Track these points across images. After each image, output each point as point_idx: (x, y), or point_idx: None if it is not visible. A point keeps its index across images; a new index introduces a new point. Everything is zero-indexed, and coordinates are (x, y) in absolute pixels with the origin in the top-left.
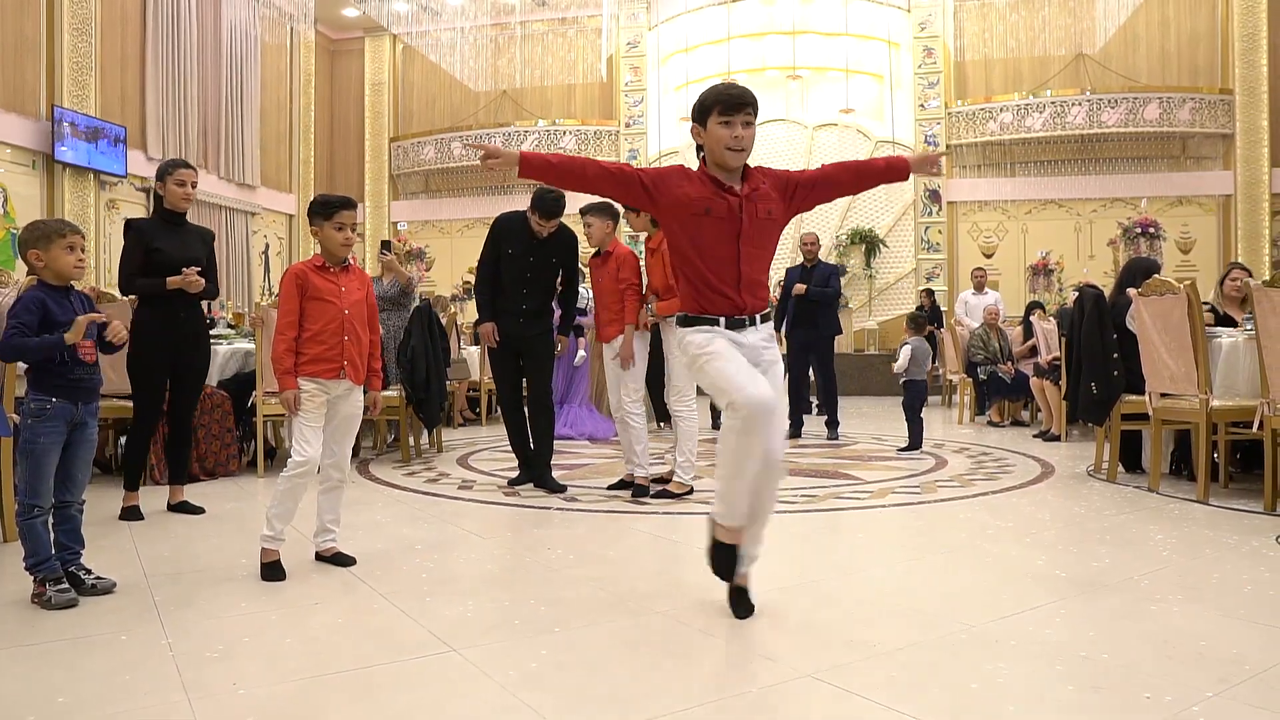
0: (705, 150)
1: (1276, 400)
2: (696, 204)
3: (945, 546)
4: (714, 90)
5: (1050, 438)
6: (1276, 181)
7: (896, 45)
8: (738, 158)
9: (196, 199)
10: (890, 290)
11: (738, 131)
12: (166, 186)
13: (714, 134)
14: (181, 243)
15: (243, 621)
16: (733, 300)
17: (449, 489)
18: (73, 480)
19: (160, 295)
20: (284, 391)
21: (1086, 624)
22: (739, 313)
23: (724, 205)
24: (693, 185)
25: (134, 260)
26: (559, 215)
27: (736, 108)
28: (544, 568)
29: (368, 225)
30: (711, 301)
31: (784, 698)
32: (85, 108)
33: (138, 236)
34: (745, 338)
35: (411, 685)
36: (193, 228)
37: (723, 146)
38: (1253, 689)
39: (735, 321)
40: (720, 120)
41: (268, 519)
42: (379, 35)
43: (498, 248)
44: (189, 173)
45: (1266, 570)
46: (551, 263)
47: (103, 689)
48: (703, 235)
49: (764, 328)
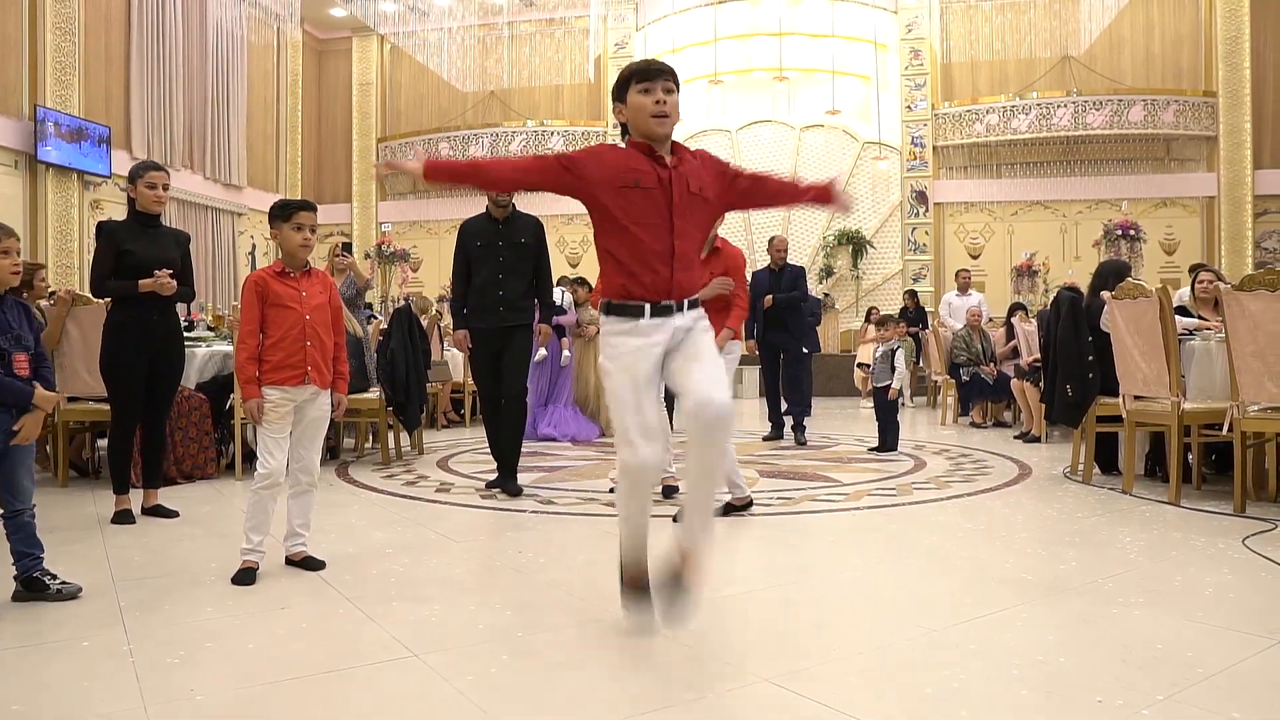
0: (630, 126)
1: (1246, 402)
2: (625, 175)
3: (915, 549)
4: (630, 65)
5: (1031, 439)
6: (1259, 183)
7: (883, 47)
8: (663, 124)
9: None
10: (877, 291)
11: (659, 96)
12: (138, 189)
13: (635, 103)
14: (155, 245)
15: (207, 626)
16: (663, 276)
17: (426, 492)
18: (19, 487)
19: (133, 298)
20: (247, 401)
21: (1047, 627)
22: (667, 295)
23: (653, 176)
24: (618, 157)
25: (106, 263)
26: None
27: (653, 75)
28: (513, 571)
29: (355, 226)
30: (639, 282)
31: (739, 703)
32: (69, 107)
33: (109, 239)
34: (670, 322)
35: (368, 690)
36: (167, 230)
37: (646, 115)
38: (1204, 692)
39: (661, 308)
40: (640, 88)
41: (244, 532)
42: (366, 35)
43: (466, 249)
44: (160, 175)
45: (1230, 573)
46: (521, 244)
47: (59, 696)
48: (632, 208)
49: (691, 313)
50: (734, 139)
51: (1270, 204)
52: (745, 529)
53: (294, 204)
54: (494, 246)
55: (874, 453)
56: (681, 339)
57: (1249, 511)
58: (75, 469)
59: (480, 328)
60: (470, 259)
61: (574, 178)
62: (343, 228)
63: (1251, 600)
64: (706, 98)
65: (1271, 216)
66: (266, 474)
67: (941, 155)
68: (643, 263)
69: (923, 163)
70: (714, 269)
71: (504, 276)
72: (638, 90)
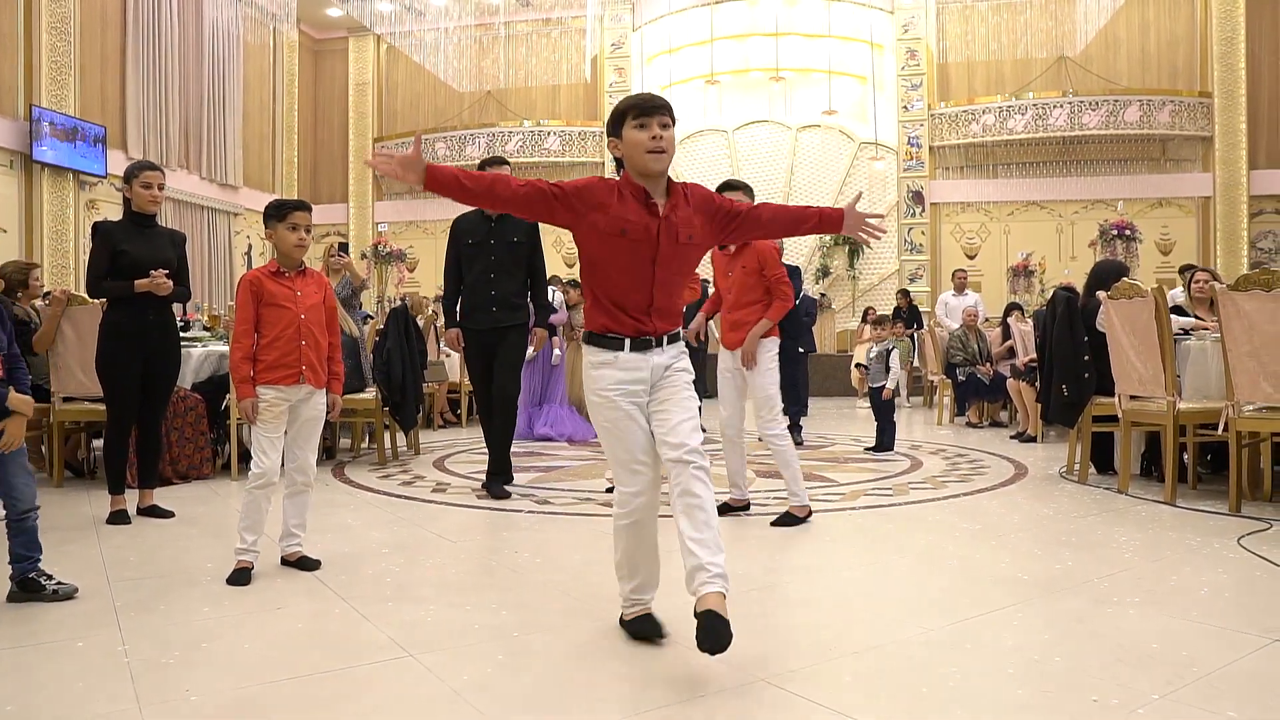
0: (625, 161)
1: (1241, 402)
2: (614, 224)
3: (911, 549)
4: (626, 99)
5: (1026, 439)
6: (1254, 183)
7: (880, 47)
8: (659, 160)
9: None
10: (874, 291)
11: (655, 132)
12: (133, 189)
13: (631, 139)
14: (150, 245)
15: (202, 627)
16: (642, 321)
17: (423, 492)
18: (17, 491)
19: (129, 298)
20: (242, 401)
21: (1043, 627)
22: (645, 334)
23: (641, 227)
24: (612, 200)
25: (101, 263)
26: (503, 163)
27: (650, 111)
28: (509, 571)
29: (351, 226)
30: (620, 322)
31: (735, 703)
32: (64, 107)
33: (105, 239)
34: (650, 359)
35: (363, 691)
36: (163, 230)
37: (642, 150)
38: (1198, 691)
39: (641, 343)
40: (635, 123)
41: (239, 532)
42: (363, 35)
43: (458, 246)
44: (155, 175)
45: (1224, 573)
46: (514, 242)
47: (53, 697)
48: (617, 257)
49: (671, 348)
50: (730, 139)
51: (1265, 204)
52: (742, 529)
53: (289, 204)
54: (486, 245)
55: (870, 453)
56: (660, 376)
57: (1244, 511)
58: (70, 469)
59: (474, 328)
60: (462, 257)
61: (569, 213)
62: (339, 228)
63: (1247, 600)
64: (703, 98)
65: (1267, 217)
66: (260, 473)
67: (938, 155)
68: (621, 308)
69: (919, 163)
70: (745, 261)
71: (496, 275)
72: (633, 125)
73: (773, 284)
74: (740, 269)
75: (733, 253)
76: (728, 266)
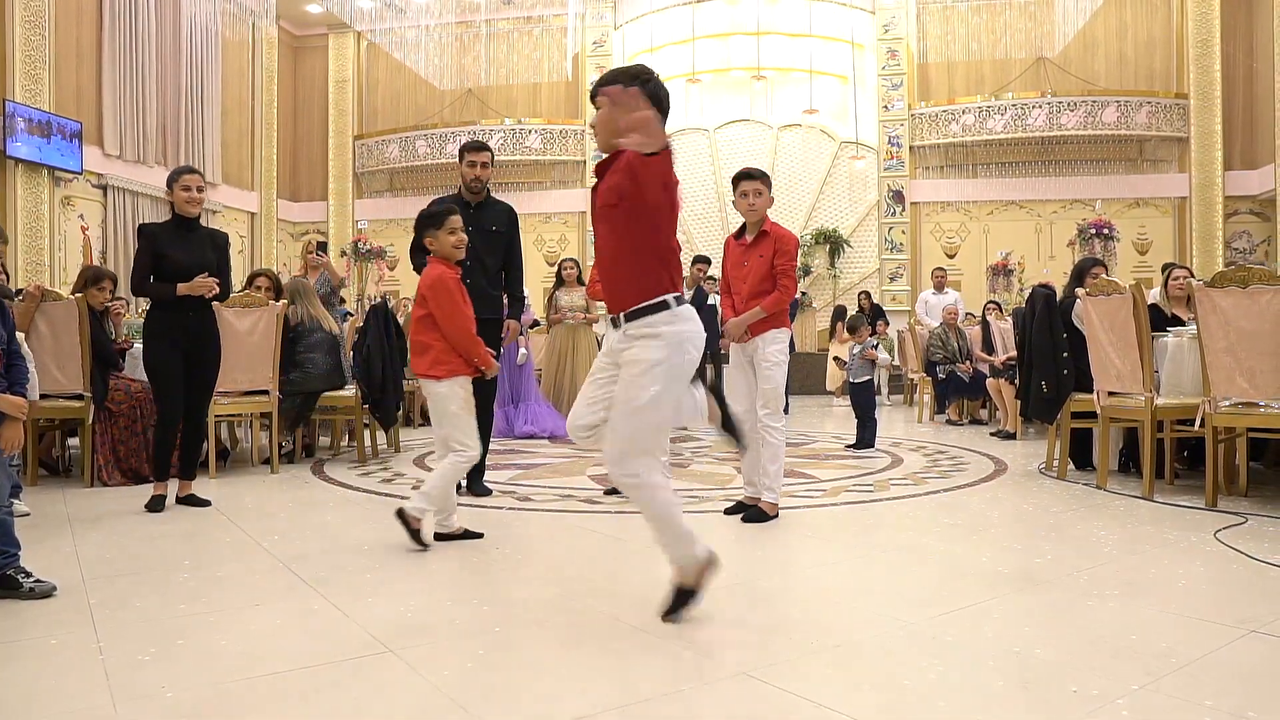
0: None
1: (1217, 398)
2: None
3: (892, 544)
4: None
5: (1006, 436)
6: (1229, 184)
7: (861, 47)
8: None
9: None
10: (854, 290)
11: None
12: (174, 193)
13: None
14: (191, 248)
15: (179, 623)
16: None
17: (402, 489)
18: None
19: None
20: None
21: (1023, 620)
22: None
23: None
24: None
25: (143, 265)
26: (486, 149)
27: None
28: (490, 567)
29: (331, 224)
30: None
31: (717, 696)
32: (39, 102)
33: (149, 242)
34: (609, 338)
35: (342, 686)
36: (204, 232)
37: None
38: (1178, 682)
39: (614, 319)
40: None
41: (427, 500)
42: (343, 32)
43: None
44: (194, 178)
45: (1202, 565)
46: (492, 231)
47: (26, 694)
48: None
49: (625, 326)
50: (712, 138)
51: (1240, 205)
52: (724, 525)
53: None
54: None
55: (851, 450)
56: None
57: (1221, 505)
58: (45, 467)
59: None
60: None
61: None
62: (318, 225)
63: (1223, 592)
64: (684, 97)
65: (1242, 217)
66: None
67: (918, 155)
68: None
69: (899, 162)
70: (762, 251)
71: (471, 264)
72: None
73: (778, 273)
74: (757, 258)
75: (749, 242)
76: (743, 256)
